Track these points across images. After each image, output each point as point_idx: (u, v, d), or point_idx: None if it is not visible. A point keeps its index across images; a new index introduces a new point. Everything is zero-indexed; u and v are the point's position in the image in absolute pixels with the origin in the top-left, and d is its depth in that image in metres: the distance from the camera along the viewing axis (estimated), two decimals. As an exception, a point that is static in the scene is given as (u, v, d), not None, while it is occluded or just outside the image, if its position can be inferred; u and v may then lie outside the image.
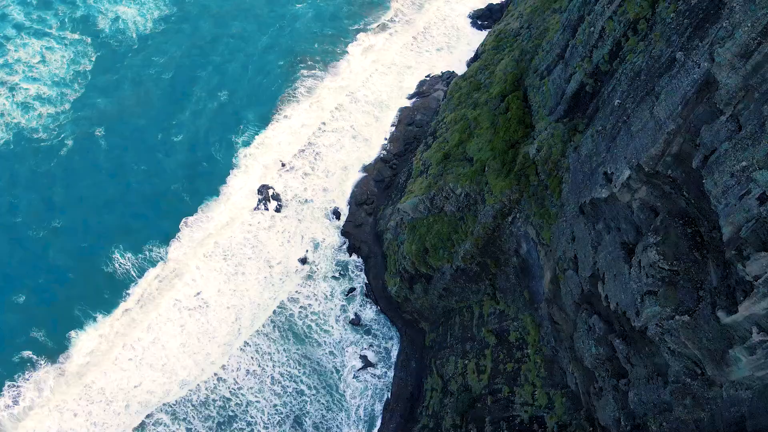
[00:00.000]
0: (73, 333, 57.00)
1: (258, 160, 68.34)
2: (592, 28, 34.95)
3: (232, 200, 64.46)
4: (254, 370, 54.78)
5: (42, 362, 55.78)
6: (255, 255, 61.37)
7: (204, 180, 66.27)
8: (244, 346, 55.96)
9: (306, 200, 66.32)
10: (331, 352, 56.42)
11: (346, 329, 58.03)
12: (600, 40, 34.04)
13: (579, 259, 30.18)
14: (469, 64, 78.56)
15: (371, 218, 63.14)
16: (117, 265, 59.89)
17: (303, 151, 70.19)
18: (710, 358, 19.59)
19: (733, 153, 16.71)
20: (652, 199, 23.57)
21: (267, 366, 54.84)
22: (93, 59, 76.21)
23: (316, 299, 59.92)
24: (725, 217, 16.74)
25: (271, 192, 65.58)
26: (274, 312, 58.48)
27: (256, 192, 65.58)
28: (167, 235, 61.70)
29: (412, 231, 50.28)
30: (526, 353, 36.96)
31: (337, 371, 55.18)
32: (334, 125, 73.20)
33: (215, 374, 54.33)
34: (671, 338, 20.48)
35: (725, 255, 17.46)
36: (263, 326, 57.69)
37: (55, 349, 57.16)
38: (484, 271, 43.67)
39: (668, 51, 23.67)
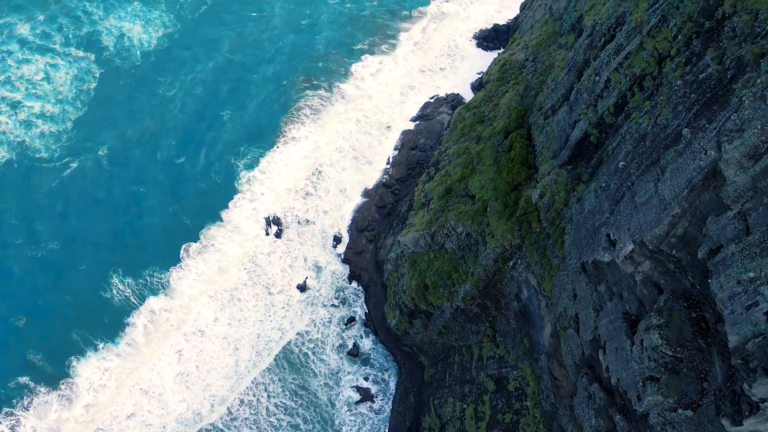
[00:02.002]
0: (74, 360, 56.45)
1: (259, 183, 67.91)
2: (598, 77, 34.34)
3: (233, 225, 64.00)
4: (249, 401, 54.23)
5: (41, 389, 55.30)
6: (255, 282, 60.88)
7: (205, 204, 65.84)
8: (240, 374, 55.41)
9: (307, 222, 65.82)
10: (326, 384, 55.79)
11: (342, 359, 57.42)
12: (605, 90, 33.42)
13: (580, 319, 29.52)
14: (473, 86, 78.05)
15: (372, 245, 62.59)
16: (116, 291, 59.49)
17: (305, 173, 69.73)
18: (714, 453, 18.92)
19: (740, 260, 16.07)
20: (656, 275, 22.92)
21: (262, 397, 54.28)
22: (96, 76, 76.01)
23: (315, 326, 59.38)
24: (731, 326, 16.09)
25: (271, 216, 65.13)
26: (271, 339, 57.93)
27: (257, 216, 65.12)
28: (167, 261, 61.27)
29: (413, 265, 49.69)
30: (526, 405, 36.28)
31: (333, 404, 54.56)
32: (337, 147, 72.72)
33: (212, 405, 53.76)
34: (674, 431, 19.83)
35: (731, 360, 16.80)
36: (257, 353, 57.12)
37: (55, 375, 56.68)
38: (484, 313, 43.04)
39: (674, 123, 23.03)
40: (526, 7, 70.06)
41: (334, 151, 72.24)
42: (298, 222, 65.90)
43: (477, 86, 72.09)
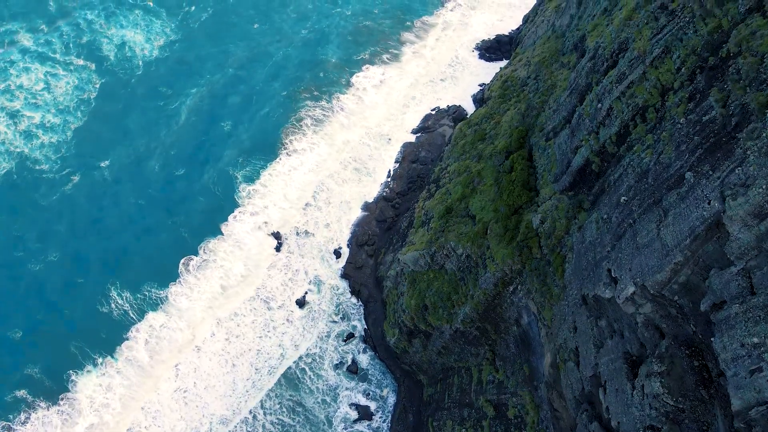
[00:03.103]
0: (73, 374, 56.11)
1: (260, 196, 67.60)
2: (600, 105, 33.98)
3: (232, 239, 63.67)
4: (245, 418, 53.87)
5: (40, 403, 54.99)
6: (254, 296, 60.53)
7: (204, 217, 65.54)
8: (239, 393, 55.06)
9: (307, 234, 65.45)
10: (324, 400, 55.41)
11: (340, 375, 57.03)
12: (607, 118, 33.06)
13: (580, 353, 29.15)
14: (475, 98, 77.63)
15: (372, 260, 62.26)
16: (114, 304, 59.20)
17: (305, 185, 69.36)
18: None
19: (744, 322, 15.72)
20: (657, 319, 22.56)
21: (259, 414, 53.95)
22: (97, 86, 75.76)
23: (313, 342, 59.01)
24: (734, 389, 15.74)
25: (272, 229, 64.80)
26: (270, 356, 57.59)
27: (257, 229, 64.81)
28: (167, 275, 60.95)
29: (412, 285, 49.35)
30: (525, 434, 35.98)
31: (331, 422, 54.19)
32: (337, 158, 72.37)
33: (210, 423, 53.43)
34: (674, 484, 19.48)
35: (733, 422, 16.44)
36: (252, 365, 56.67)
37: (53, 389, 56.39)
38: (484, 336, 42.69)
39: (677, 164, 22.66)
40: (529, 20, 69.68)
41: (335, 163, 71.87)
42: (297, 234, 65.58)
43: (479, 99, 71.73)
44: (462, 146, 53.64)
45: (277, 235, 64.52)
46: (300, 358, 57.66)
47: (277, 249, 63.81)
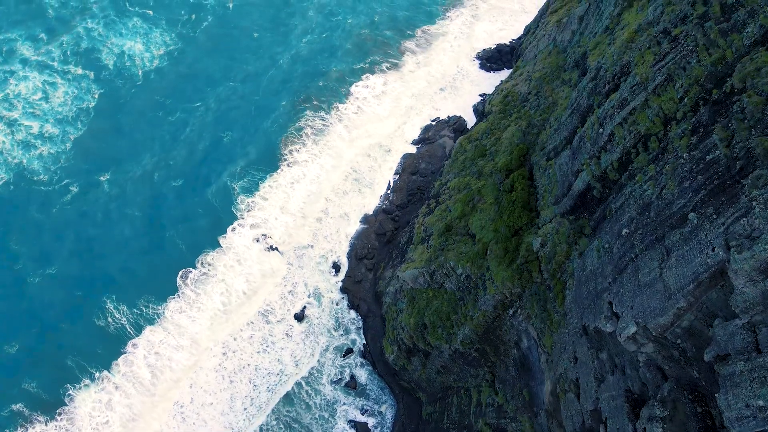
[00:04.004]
0: (70, 389, 55.70)
1: (258, 207, 67.18)
2: (602, 129, 33.60)
3: (230, 251, 63.25)
4: (244, 435, 53.52)
5: (38, 417, 54.60)
6: (252, 310, 60.10)
7: (202, 228, 65.13)
8: (235, 406, 54.66)
9: (306, 247, 65.04)
10: (321, 416, 54.97)
11: (338, 390, 56.60)
12: (609, 143, 32.68)
13: (581, 385, 28.76)
14: (475, 108, 77.17)
15: (371, 274, 61.87)
16: (111, 319, 58.82)
17: (305, 197, 68.92)
18: None
19: (749, 381, 15.34)
20: (660, 360, 22.17)
21: (255, 431, 53.53)
22: (96, 97, 75.34)
23: (312, 356, 58.58)
24: (739, 450, 15.37)
25: (270, 243, 64.40)
26: (265, 369, 57.13)
27: (256, 241, 64.41)
28: (164, 289, 60.52)
29: (411, 302, 48.98)
30: (524, 461, 35.63)
31: (329, 441, 53.86)
32: (336, 169, 71.90)
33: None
34: None
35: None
36: (251, 381, 56.28)
37: (51, 403, 55.94)
38: (484, 358, 42.30)
39: (680, 202, 22.28)
40: (530, 32, 69.31)
41: (334, 174, 71.40)
42: (296, 246, 65.12)
43: (479, 112, 71.34)
44: (462, 162, 53.26)
45: (275, 248, 64.11)
46: (297, 373, 57.23)
47: (276, 262, 63.38)
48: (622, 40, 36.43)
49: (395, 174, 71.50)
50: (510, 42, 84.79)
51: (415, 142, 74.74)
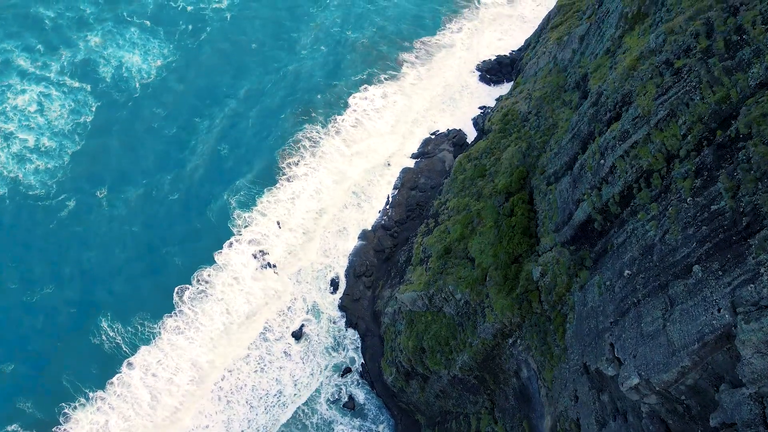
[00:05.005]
0: (66, 408, 55.13)
1: (255, 222, 66.61)
2: (603, 161, 33.09)
3: (226, 267, 62.68)
4: (240, 457, 52.99)
5: None
6: (250, 329, 59.54)
7: (198, 245, 64.52)
8: (232, 429, 54.12)
9: (304, 264, 64.46)
10: (320, 438, 54.51)
11: (335, 410, 56.05)
12: (610, 176, 32.18)
13: (582, 426, 28.25)
14: (475, 122, 76.73)
15: (370, 292, 61.34)
16: (105, 337, 58.25)
17: (303, 211, 68.34)
18: None
19: (757, 460, 14.85)
20: (663, 412, 21.65)
21: (253, 454, 53.07)
22: (93, 110, 74.73)
23: (312, 375, 58.00)
24: None
25: (267, 259, 63.83)
26: (263, 390, 56.58)
27: (253, 257, 63.84)
28: (159, 306, 59.95)
29: (410, 325, 48.46)
30: (524, 495, 35.12)
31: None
32: (334, 184, 71.31)
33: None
34: None
35: None
36: (247, 402, 55.71)
37: (46, 422, 55.45)
38: (483, 385, 41.79)
39: (684, 250, 21.77)
40: (530, 47, 68.78)
41: (332, 188, 70.79)
42: (295, 262, 64.55)
43: (479, 126, 70.84)
44: (461, 181, 52.74)
45: (273, 266, 63.54)
46: (295, 393, 56.66)
47: (274, 279, 62.83)
48: (623, 67, 35.88)
49: (394, 188, 70.95)
50: (510, 53, 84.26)
51: (414, 156, 74.20)
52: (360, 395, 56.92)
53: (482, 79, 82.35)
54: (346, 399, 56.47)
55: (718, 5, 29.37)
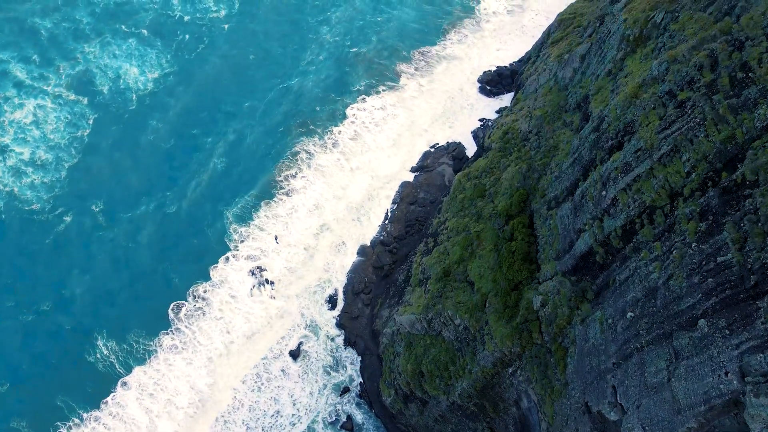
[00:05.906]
0: (61, 427, 54.54)
1: (252, 237, 65.94)
2: (604, 192, 32.55)
3: (223, 284, 62.06)
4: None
5: None
6: (247, 348, 58.93)
7: (194, 260, 63.85)
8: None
9: (302, 280, 63.82)
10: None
11: (330, 430, 55.38)
12: (612, 208, 31.64)
13: (583, 468, 27.71)
14: (475, 135, 76.13)
15: (368, 310, 60.76)
16: (99, 355, 57.64)
17: (301, 226, 67.67)
18: None
19: None
20: (667, 467, 21.06)
21: (250, 477, 52.48)
22: (90, 123, 73.95)
23: (311, 395, 57.37)
24: None
25: (265, 275, 63.22)
26: (260, 410, 55.98)
27: (249, 274, 63.20)
28: (155, 323, 59.32)
29: (409, 347, 47.89)
30: None
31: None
32: (333, 198, 70.61)
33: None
34: None
35: None
36: (244, 423, 55.12)
37: (40, 444, 54.98)
38: (482, 413, 41.25)
39: (689, 300, 21.21)
40: (530, 60, 68.20)
41: (331, 202, 70.10)
42: (292, 279, 63.91)
43: (479, 139, 70.28)
44: (461, 201, 52.17)
45: (270, 282, 62.94)
46: (293, 413, 56.06)
47: (272, 297, 62.24)
48: (625, 94, 35.32)
49: (393, 203, 70.30)
50: (510, 64, 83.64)
51: (413, 170, 73.55)
52: (358, 415, 56.35)
53: (482, 90, 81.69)
54: (344, 419, 55.89)
55: (723, 37, 28.85)
